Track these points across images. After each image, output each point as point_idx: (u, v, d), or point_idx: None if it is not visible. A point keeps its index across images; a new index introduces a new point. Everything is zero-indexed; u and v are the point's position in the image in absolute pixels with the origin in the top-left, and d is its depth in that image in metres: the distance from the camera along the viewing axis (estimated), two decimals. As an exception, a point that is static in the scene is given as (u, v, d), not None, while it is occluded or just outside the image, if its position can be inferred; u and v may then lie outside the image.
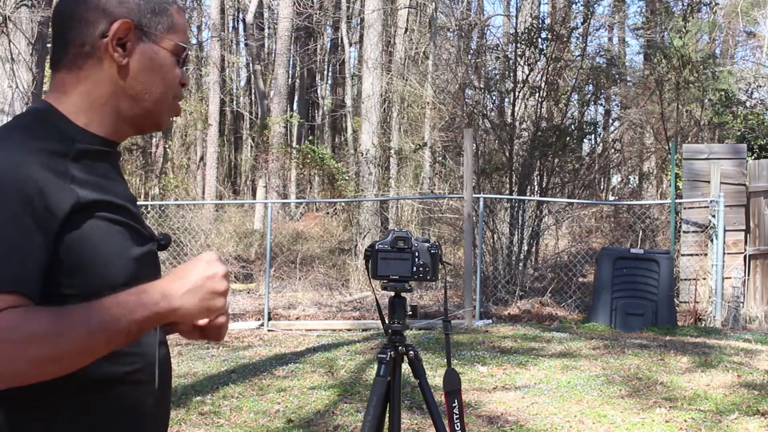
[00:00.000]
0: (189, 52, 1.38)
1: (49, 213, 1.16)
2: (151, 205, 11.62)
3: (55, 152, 1.22)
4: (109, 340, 1.16)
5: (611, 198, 16.72)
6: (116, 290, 1.19)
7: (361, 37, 18.65)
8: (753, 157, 10.41)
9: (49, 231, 1.16)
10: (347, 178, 15.18)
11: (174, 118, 21.32)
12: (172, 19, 1.36)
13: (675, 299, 8.77)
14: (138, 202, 1.45)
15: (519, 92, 11.51)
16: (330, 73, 27.92)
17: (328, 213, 17.19)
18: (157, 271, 1.37)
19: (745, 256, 9.28)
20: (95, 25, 1.30)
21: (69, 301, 1.17)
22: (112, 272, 1.24)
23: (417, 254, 2.39)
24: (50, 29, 1.45)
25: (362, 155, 13.62)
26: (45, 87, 7.36)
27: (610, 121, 18.83)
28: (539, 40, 11.65)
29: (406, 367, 2.44)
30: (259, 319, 8.93)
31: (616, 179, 17.56)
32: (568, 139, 11.70)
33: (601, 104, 18.34)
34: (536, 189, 11.77)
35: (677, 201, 9.49)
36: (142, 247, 1.32)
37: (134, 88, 1.32)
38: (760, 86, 14.49)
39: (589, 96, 14.07)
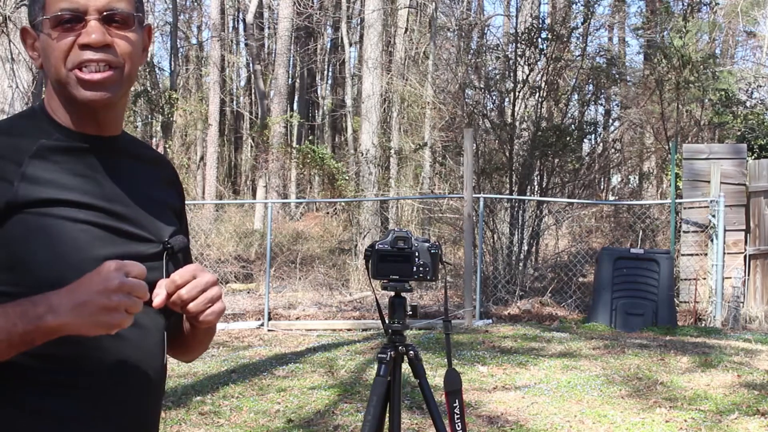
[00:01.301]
0: (71, 13, 1.27)
1: None
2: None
3: (13, 151, 1.25)
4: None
5: (611, 198, 16.71)
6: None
7: (361, 37, 18.64)
8: (753, 157, 10.41)
9: None
10: (347, 178, 15.17)
11: (173, 119, 21.34)
12: (42, 1, 1.31)
13: (675, 299, 8.77)
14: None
15: (519, 92, 11.51)
16: (330, 73, 27.92)
17: (328, 213, 17.19)
18: (156, 274, 1.31)
19: (745, 256, 9.28)
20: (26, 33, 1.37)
21: (12, 298, 1.16)
22: (59, 271, 1.20)
23: (417, 254, 2.39)
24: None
25: (362, 155, 13.62)
26: (45, 87, 7.36)
27: (610, 121, 18.82)
28: (539, 40, 11.66)
29: (406, 367, 2.44)
30: (259, 319, 8.93)
31: (616, 179, 17.56)
32: (568, 139, 11.70)
33: (601, 104, 18.33)
34: (536, 189, 11.77)
35: (677, 201, 9.49)
36: (117, 248, 1.27)
37: (49, 78, 1.34)
38: (761, 86, 14.48)
39: (589, 96, 14.07)
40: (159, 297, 1.26)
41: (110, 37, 1.29)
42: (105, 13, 1.28)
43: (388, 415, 2.41)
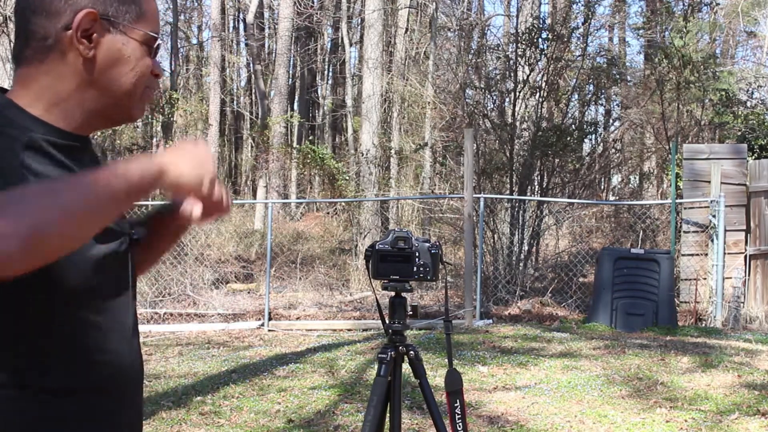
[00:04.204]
0: (160, 42, 1.31)
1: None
2: (151, 205, 11.60)
3: (9, 141, 1.17)
4: (112, 197, 1.12)
5: (611, 198, 16.71)
6: (65, 287, 1.17)
7: (362, 37, 18.64)
8: (753, 157, 10.41)
9: None
10: (347, 178, 15.17)
11: (174, 119, 21.34)
12: (140, 7, 1.28)
13: (675, 299, 8.77)
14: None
15: (519, 92, 11.51)
16: (330, 73, 27.93)
17: (328, 213, 17.19)
18: (126, 270, 1.33)
19: (745, 256, 9.28)
20: (58, 16, 1.22)
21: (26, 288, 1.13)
22: (60, 269, 1.17)
23: (417, 254, 2.39)
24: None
25: (362, 155, 13.62)
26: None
27: (611, 121, 18.82)
28: (540, 40, 11.66)
29: (406, 367, 2.44)
30: (259, 319, 8.93)
31: (616, 179, 17.56)
32: (568, 139, 11.69)
33: (602, 104, 18.34)
34: (537, 189, 11.77)
35: (678, 201, 9.48)
36: (107, 245, 1.26)
37: (102, 80, 1.26)
38: (761, 86, 14.48)
39: (589, 96, 14.08)
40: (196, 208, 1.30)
41: None
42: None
43: (388, 415, 2.41)
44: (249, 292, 11.08)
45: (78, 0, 1.23)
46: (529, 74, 11.51)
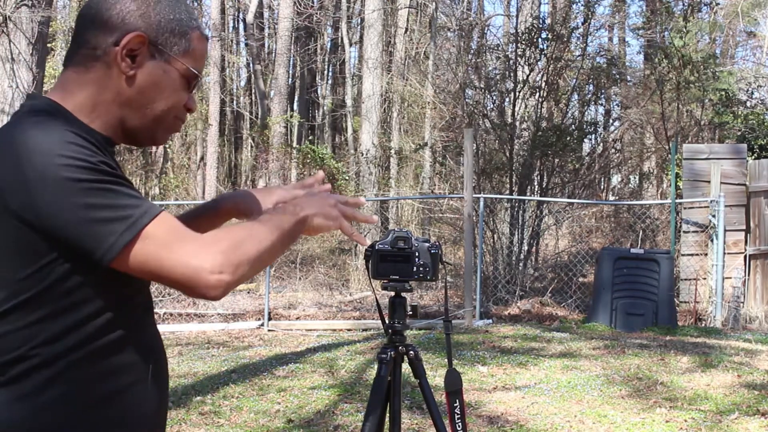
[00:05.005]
0: (201, 79, 1.39)
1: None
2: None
3: (85, 136, 1.26)
4: (286, 237, 1.38)
5: (611, 198, 16.71)
6: (115, 276, 1.26)
7: (362, 37, 18.64)
8: (753, 157, 10.41)
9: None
10: (347, 178, 15.17)
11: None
12: (190, 43, 1.37)
13: (675, 299, 8.77)
14: None
15: (519, 92, 11.50)
16: (330, 73, 27.92)
17: (328, 213, 17.15)
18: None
19: (745, 256, 9.28)
20: (111, 32, 1.31)
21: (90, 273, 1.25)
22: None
23: (417, 254, 2.38)
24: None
25: (362, 155, 13.62)
26: (45, 87, 7.36)
27: (611, 121, 18.82)
28: (539, 40, 11.66)
29: (406, 367, 2.44)
30: (259, 319, 8.93)
31: (616, 179, 17.55)
32: (568, 139, 11.69)
33: (602, 104, 18.34)
34: (536, 189, 11.77)
35: (677, 201, 9.48)
36: None
37: (137, 100, 1.34)
38: (761, 86, 14.47)
39: (589, 96, 14.08)
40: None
41: None
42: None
43: (388, 415, 2.41)
44: (249, 292, 11.08)
45: (133, 21, 1.32)
46: (529, 74, 11.51)
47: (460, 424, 2.43)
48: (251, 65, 24.86)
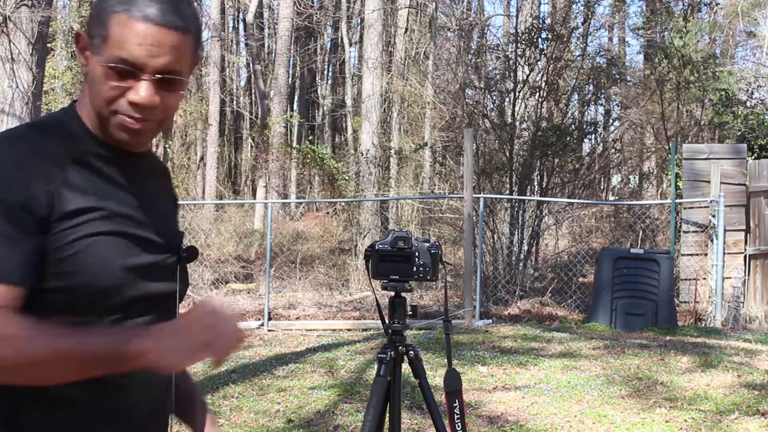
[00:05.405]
0: (120, 67, 1.25)
1: (31, 216, 1.19)
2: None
3: (57, 157, 1.25)
4: (85, 362, 1.17)
5: (611, 198, 16.71)
6: (96, 296, 1.23)
7: (361, 37, 18.64)
8: (753, 157, 10.41)
9: (33, 232, 1.19)
10: (347, 178, 15.16)
11: (174, 119, 21.33)
12: (107, 28, 1.26)
13: (675, 299, 8.77)
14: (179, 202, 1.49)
15: (519, 92, 11.50)
16: (330, 73, 27.93)
17: (328, 213, 17.19)
18: (172, 283, 1.37)
19: (745, 256, 9.28)
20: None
21: (54, 294, 1.21)
22: (94, 277, 1.24)
23: (417, 254, 2.39)
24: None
25: (362, 155, 13.62)
26: (45, 87, 7.35)
27: (611, 121, 18.83)
28: (539, 40, 11.65)
29: (406, 367, 2.44)
30: (259, 319, 8.93)
31: (616, 179, 17.55)
32: (568, 139, 11.69)
33: (602, 104, 18.34)
34: (536, 189, 11.76)
35: (677, 201, 9.48)
36: (144, 257, 1.31)
37: (90, 97, 1.31)
38: (761, 86, 14.47)
39: (589, 96, 14.08)
40: None
41: (158, 97, 1.28)
42: (160, 76, 1.26)
43: (388, 415, 2.41)
44: (249, 292, 11.08)
45: (89, 21, 1.32)
46: (529, 74, 11.51)
47: (459, 424, 2.43)
48: (251, 65, 24.86)
